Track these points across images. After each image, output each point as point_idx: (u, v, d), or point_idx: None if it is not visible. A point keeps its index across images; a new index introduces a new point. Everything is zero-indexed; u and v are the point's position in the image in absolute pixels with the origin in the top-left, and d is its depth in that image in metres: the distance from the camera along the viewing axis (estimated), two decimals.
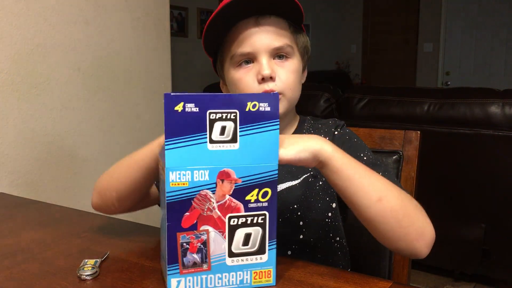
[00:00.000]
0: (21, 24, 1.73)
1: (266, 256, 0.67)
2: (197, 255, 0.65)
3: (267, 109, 0.64)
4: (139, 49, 2.21)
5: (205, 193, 0.63)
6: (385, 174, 0.83)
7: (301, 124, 0.96)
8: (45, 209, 1.15)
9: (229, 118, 0.63)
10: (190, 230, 0.64)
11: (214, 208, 0.64)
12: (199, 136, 0.62)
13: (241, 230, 0.66)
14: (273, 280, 0.68)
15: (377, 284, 0.70)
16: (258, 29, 0.84)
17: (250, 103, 0.63)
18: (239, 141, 0.63)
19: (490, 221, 2.20)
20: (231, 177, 0.63)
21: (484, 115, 2.07)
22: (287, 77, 0.86)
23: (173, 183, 0.62)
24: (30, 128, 1.78)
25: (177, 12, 4.46)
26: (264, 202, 0.65)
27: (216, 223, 0.64)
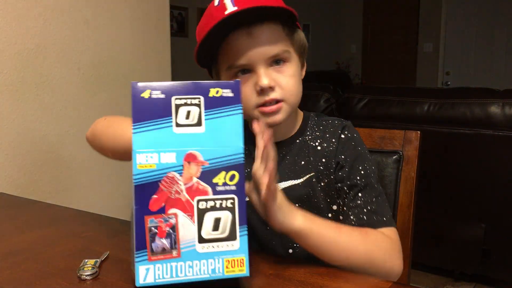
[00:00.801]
0: (21, 24, 1.73)
1: (237, 243, 0.65)
2: (166, 240, 0.63)
3: (230, 95, 0.67)
4: (139, 49, 2.21)
5: (172, 175, 0.63)
6: (377, 199, 0.86)
7: (305, 122, 0.95)
8: (45, 209, 1.15)
9: (193, 103, 0.65)
10: (158, 213, 0.63)
11: (182, 191, 0.64)
12: (165, 120, 0.64)
13: (210, 214, 0.64)
14: (246, 269, 0.65)
15: (377, 284, 0.70)
16: (252, 40, 0.82)
17: (213, 89, 0.66)
18: (204, 124, 0.65)
19: (490, 221, 2.20)
20: (197, 160, 0.64)
21: (484, 115, 2.07)
22: (287, 83, 0.85)
23: (141, 165, 0.62)
24: (30, 128, 1.78)
25: (177, 12, 4.46)
26: (232, 186, 0.65)
27: (184, 206, 0.64)
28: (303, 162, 0.91)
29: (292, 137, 0.93)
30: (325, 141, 0.91)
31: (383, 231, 0.82)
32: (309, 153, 0.91)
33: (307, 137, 0.93)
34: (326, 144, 0.91)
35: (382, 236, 0.81)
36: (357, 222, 0.84)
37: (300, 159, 0.91)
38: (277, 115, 0.85)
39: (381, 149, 1.07)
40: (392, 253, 0.80)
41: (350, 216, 0.85)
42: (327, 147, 0.91)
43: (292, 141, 0.93)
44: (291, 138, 0.93)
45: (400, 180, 1.05)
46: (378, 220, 0.83)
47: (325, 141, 0.91)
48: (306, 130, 0.94)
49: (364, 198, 0.85)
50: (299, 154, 0.91)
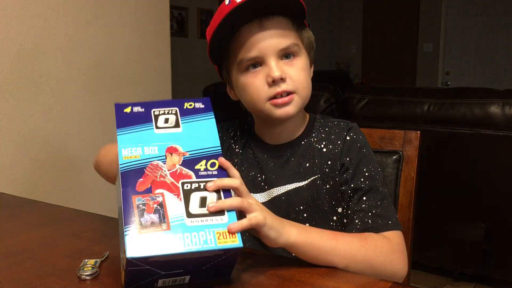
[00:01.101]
0: (21, 24, 1.73)
1: (226, 217, 0.65)
2: (154, 216, 0.63)
3: (202, 106, 0.74)
4: (139, 49, 2.21)
5: (156, 163, 0.67)
6: (383, 202, 0.85)
7: (311, 123, 0.95)
8: (45, 209, 1.15)
9: (170, 112, 0.73)
10: (145, 193, 0.65)
11: (166, 175, 0.66)
12: (146, 125, 0.71)
13: (195, 193, 0.66)
14: (239, 240, 0.64)
15: (377, 284, 0.70)
16: (263, 32, 0.83)
17: (187, 103, 0.74)
18: (182, 126, 0.71)
19: (490, 221, 2.20)
20: (178, 151, 0.69)
21: (484, 115, 2.07)
22: (297, 75, 0.85)
23: (125, 157, 0.67)
24: (30, 128, 1.78)
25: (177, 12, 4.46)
26: (213, 171, 0.68)
27: (170, 187, 0.65)
28: (308, 164, 0.90)
29: (298, 138, 0.93)
30: (330, 143, 0.91)
31: (386, 235, 0.81)
32: (314, 155, 0.91)
33: (312, 138, 0.93)
34: (332, 146, 0.91)
35: (382, 241, 0.80)
36: (362, 226, 0.83)
37: (305, 161, 0.91)
38: (289, 107, 0.85)
39: (381, 149, 1.07)
40: (393, 256, 0.80)
41: (355, 220, 0.84)
42: (333, 149, 0.90)
43: (297, 143, 0.93)
44: (297, 139, 0.93)
45: (400, 180, 1.05)
46: (383, 223, 0.83)
47: (331, 143, 0.91)
48: (312, 131, 0.94)
49: (368, 202, 0.85)
50: (304, 156, 0.91)
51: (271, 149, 0.93)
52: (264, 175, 0.91)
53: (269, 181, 0.91)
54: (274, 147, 0.93)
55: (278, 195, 0.90)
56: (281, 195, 0.90)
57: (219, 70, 0.95)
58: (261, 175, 0.92)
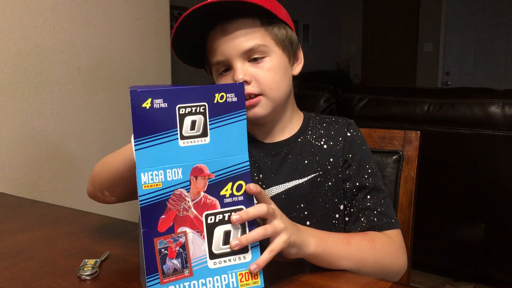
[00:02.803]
0: (21, 24, 1.73)
1: (249, 255, 0.64)
2: (176, 261, 0.61)
3: (234, 99, 0.65)
4: (139, 49, 2.21)
5: (180, 192, 0.62)
6: (385, 200, 0.88)
7: (306, 122, 0.95)
8: (45, 209, 1.15)
9: (198, 111, 0.63)
10: (167, 234, 0.61)
11: (190, 208, 0.62)
12: (169, 132, 0.61)
13: (219, 228, 0.63)
14: (261, 281, 0.64)
15: (377, 284, 0.70)
16: (226, 36, 0.83)
17: (218, 95, 0.64)
18: (210, 134, 0.63)
19: (490, 221, 2.20)
20: (204, 173, 0.63)
21: (484, 115, 2.07)
22: (264, 77, 0.84)
23: (146, 185, 0.60)
24: (30, 128, 1.78)
25: (177, 12, 4.46)
26: (239, 196, 0.64)
27: (193, 223, 0.62)
28: (307, 161, 0.90)
29: (294, 136, 0.93)
30: (330, 139, 0.92)
31: (389, 233, 0.84)
32: (314, 152, 0.91)
33: (309, 136, 0.93)
34: (333, 142, 0.91)
35: (388, 240, 0.82)
36: (367, 224, 0.85)
37: (303, 158, 0.91)
38: (257, 108, 0.85)
39: (381, 149, 1.07)
40: (397, 255, 0.83)
41: (360, 218, 0.86)
42: (334, 145, 0.91)
43: (294, 140, 0.93)
44: (293, 137, 0.93)
45: (400, 180, 1.05)
46: (387, 222, 0.85)
47: (331, 140, 0.91)
48: (308, 129, 0.94)
49: (373, 200, 0.86)
50: (302, 153, 0.91)
51: (267, 148, 0.93)
52: (262, 174, 0.91)
53: (267, 180, 0.91)
54: (270, 145, 0.93)
55: (278, 194, 0.90)
56: (280, 194, 0.90)
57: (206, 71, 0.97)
58: (258, 174, 0.92)
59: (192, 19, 0.80)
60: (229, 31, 0.83)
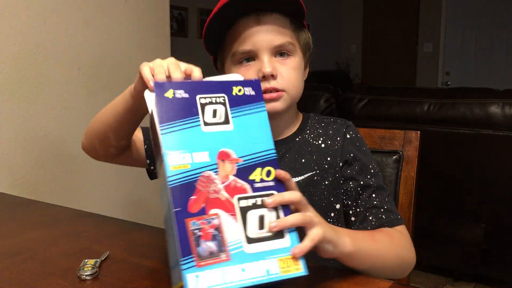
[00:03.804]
0: (21, 24, 1.73)
1: (287, 240, 0.60)
2: (212, 243, 0.57)
3: (252, 93, 0.65)
4: (139, 49, 2.21)
5: (208, 174, 0.60)
6: (389, 198, 0.88)
7: (304, 122, 0.96)
8: (45, 209, 1.15)
9: (218, 102, 0.64)
10: (199, 215, 0.58)
11: (220, 190, 0.60)
12: (192, 119, 0.62)
13: (253, 212, 0.60)
14: (303, 268, 0.59)
15: (377, 284, 0.70)
16: (259, 27, 0.84)
17: (236, 88, 0.65)
18: (232, 122, 0.63)
19: (490, 221, 2.20)
20: (231, 157, 0.61)
21: (484, 115, 2.07)
22: (288, 74, 0.86)
23: (174, 167, 0.59)
24: (30, 128, 1.78)
25: (177, 12, 4.46)
26: (270, 181, 0.62)
27: (225, 205, 0.59)
28: (304, 160, 0.91)
29: (292, 135, 0.94)
30: (328, 138, 0.92)
31: (398, 229, 0.84)
32: (312, 151, 0.91)
33: (307, 135, 0.93)
34: (331, 141, 0.91)
35: (401, 235, 0.83)
36: (377, 222, 0.85)
37: (301, 157, 0.91)
38: (277, 103, 0.86)
39: (381, 149, 1.07)
40: (410, 249, 0.83)
41: (368, 217, 0.86)
42: (332, 145, 0.91)
43: (291, 139, 0.93)
44: (291, 136, 0.93)
45: (400, 180, 1.05)
46: (395, 218, 0.85)
47: (329, 139, 0.92)
48: (306, 128, 0.94)
49: (379, 199, 0.86)
50: (299, 152, 0.91)
51: None
52: None
53: None
54: None
55: None
56: None
57: (215, 61, 0.96)
58: None
59: (230, 4, 0.80)
60: (264, 23, 0.84)
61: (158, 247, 0.88)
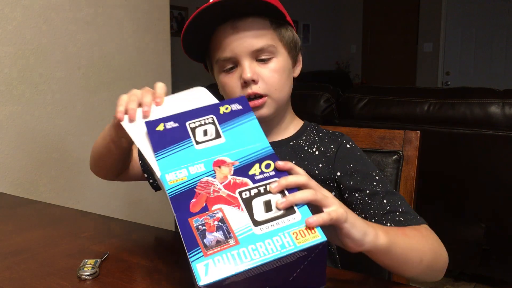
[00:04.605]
0: (21, 24, 1.73)
1: (298, 215, 0.56)
2: (218, 233, 0.55)
3: (239, 107, 0.68)
4: (139, 49, 2.21)
5: (206, 179, 0.61)
6: (402, 201, 0.82)
7: (302, 129, 0.95)
8: (45, 209, 1.15)
9: (207, 122, 0.67)
10: (201, 213, 0.57)
11: (220, 189, 0.59)
12: (184, 142, 0.65)
13: (257, 199, 0.58)
14: (320, 234, 0.55)
15: (377, 284, 0.70)
16: (236, 33, 0.83)
17: (222, 107, 0.68)
18: (224, 136, 0.65)
19: (490, 221, 2.20)
20: (227, 162, 0.62)
21: (484, 115, 2.07)
22: (271, 77, 0.85)
23: (171, 181, 0.61)
24: (30, 128, 1.78)
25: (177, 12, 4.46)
26: (270, 172, 0.60)
27: (227, 200, 0.58)
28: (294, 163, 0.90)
29: (285, 139, 0.93)
30: (322, 146, 0.90)
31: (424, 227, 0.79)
32: (303, 157, 0.90)
33: (302, 142, 0.92)
34: (324, 149, 0.90)
35: (428, 231, 0.78)
36: (395, 225, 0.79)
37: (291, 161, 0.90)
38: (262, 109, 0.86)
39: (381, 149, 1.07)
40: (441, 244, 0.78)
41: (386, 224, 0.79)
42: (325, 152, 0.89)
43: (284, 143, 0.92)
44: (284, 140, 0.93)
45: (400, 180, 1.05)
46: (414, 218, 0.79)
47: (323, 146, 0.90)
48: (303, 135, 0.94)
49: (391, 203, 0.81)
50: (290, 155, 0.90)
51: None
52: None
53: None
54: None
55: None
56: None
57: (205, 67, 0.96)
58: None
59: (205, 13, 0.80)
60: (241, 28, 0.83)
61: (158, 247, 0.88)
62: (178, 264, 0.76)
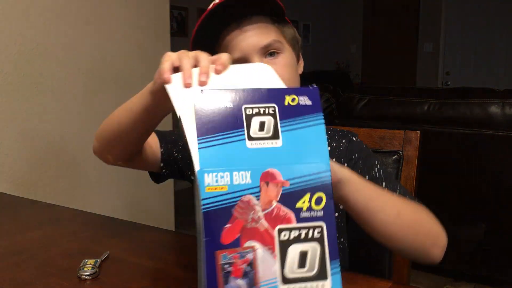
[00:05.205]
0: (21, 24, 1.73)
1: (329, 283, 0.53)
2: (243, 281, 0.51)
3: (308, 103, 0.57)
4: (139, 49, 2.21)
5: (248, 199, 0.52)
6: (400, 185, 0.86)
7: None
8: (45, 209, 1.15)
9: (267, 113, 0.56)
10: (232, 247, 0.51)
11: (260, 218, 0.53)
12: (235, 132, 0.54)
13: (294, 247, 0.53)
14: None
15: (377, 284, 0.70)
16: (243, 33, 0.84)
17: (289, 97, 0.57)
18: (282, 137, 0.55)
19: (490, 221, 2.20)
20: (277, 179, 0.53)
21: (484, 115, 2.07)
22: (282, 72, 0.85)
23: (210, 188, 0.51)
24: (30, 128, 1.78)
25: (177, 12, 4.46)
26: (318, 211, 0.54)
27: (263, 237, 0.52)
28: None
29: None
30: (334, 141, 0.94)
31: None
32: None
33: None
34: (336, 144, 0.93)
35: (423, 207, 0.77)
36: None
37: None
38: None
39: (381, 149, 1.07)
40: (436, 221, 0.76)
41: None
42: (337, 147, 0.93)
43: None
44: None
45: (400, 180, 1.05)
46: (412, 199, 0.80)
47: (335, 142, 0.94)
48: None
49: (389, 186, 0.84)
50: None
51: None
52: None
53: None
54: None
55: None
56: None
57: None
58: None
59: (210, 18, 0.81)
60: (246, 28, 0.84)
61: (158, 247, 0.88)
62: (178, 264, 0.76)
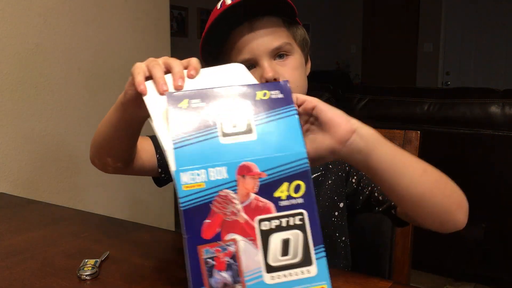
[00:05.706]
0: (21, 24, 1.73)
1: (314, 268, 0.53)
2: (226, 273, 0.52)
3: (279, 96, 0.57)
4: (139, 49, 2.21)
5: (226, 193, 0.53)
6: None
7: None
8: (45, 209, 1.15)
9: (239, 109, 0.57)
10: (213, 242, 0.52)
11: (239, 211, 0.53)
12: (209, 130, 0.55)
13: (276, 235, 0.53)
14: None
15: (377, 284, 0.70)
16: (254, 33, 0.83)
17: (260, 92, 0.57)
18: (256, 131, 0.55)
19: (490, 221, 2.20)
20: (253, 171, 0.54)
21: (484, 115, 2.07)
22: (291, 75, 0.85)
23: (187, 186, 0.52)
24: (30, 128, 1.78)
25: (177, 12, 4.46)
26: (298, 198, 0.54)
27: (243, 229, 0.53)
28: None
29: None
30: None
31: None
32: None
33: None
34: None
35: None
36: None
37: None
38: None
39: None
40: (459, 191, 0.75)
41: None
42: None
43: None
44: None
45: None
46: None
47: None
48: None
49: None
50: None
51: None
52: None
53: None
54: None
55: None
56: None
57: None
58: None
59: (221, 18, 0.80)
60: (257, 29, 0.83)
61: (158, 247, 0.88)
62: (178, 264, 0.76)
